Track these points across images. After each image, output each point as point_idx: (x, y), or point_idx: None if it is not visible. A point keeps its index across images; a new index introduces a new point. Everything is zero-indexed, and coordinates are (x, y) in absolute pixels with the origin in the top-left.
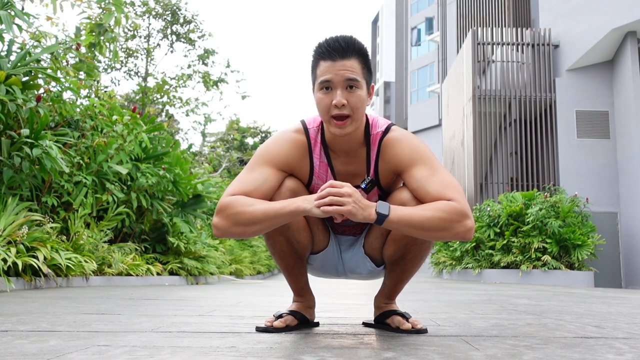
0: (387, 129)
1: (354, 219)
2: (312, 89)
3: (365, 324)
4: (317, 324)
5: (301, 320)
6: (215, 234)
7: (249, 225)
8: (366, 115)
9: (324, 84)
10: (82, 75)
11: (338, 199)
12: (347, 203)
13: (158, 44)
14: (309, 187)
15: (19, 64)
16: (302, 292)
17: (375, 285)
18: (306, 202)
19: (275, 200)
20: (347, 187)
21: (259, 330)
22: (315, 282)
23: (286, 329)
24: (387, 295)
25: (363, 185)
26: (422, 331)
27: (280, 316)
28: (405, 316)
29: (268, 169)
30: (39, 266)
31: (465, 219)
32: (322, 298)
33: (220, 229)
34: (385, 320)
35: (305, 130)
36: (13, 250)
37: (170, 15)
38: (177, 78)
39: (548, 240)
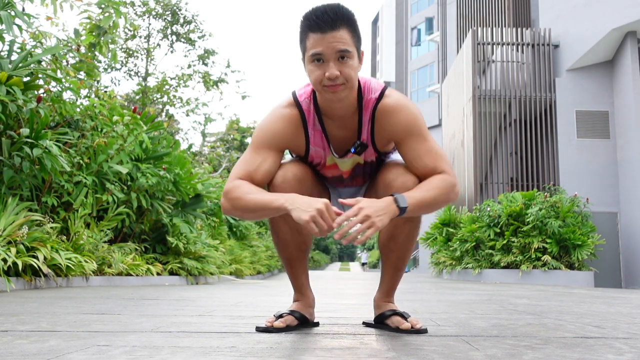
0: (381, 95)
1: (384, 225)
2: (302, 59)
3: (366, 324)
4: (317, 324)
5: (301, 320)
6: (222, 212)
7: (245, 212)
8: (358, 79)
9: (315, 57)
10: (82, 75)
11: (363, 227)
12: (373, 224)
13: (158, 44)
14: (307, 157)
15: (20, 65)
16: (303, 289)
17: (374, 285)
18: (287, 203)
19: (278, 185)
20: (361, 211)
21: (259, 330)
22: (316, 282)
23: (286, 329)
24: (385, 291)
25: (352, 150)
26: (422, 331)
27: (280, 316)
28: (404, 316)
29: (265, 150)
30: (39, 266)
31: (456, 188)
32: (322, 298)
33: (224, 210)
34: (385, 321)
35: (297, 103)
36: (13, 250)
37: (170, 15)
38: (177, 78)
39: (548, 240)
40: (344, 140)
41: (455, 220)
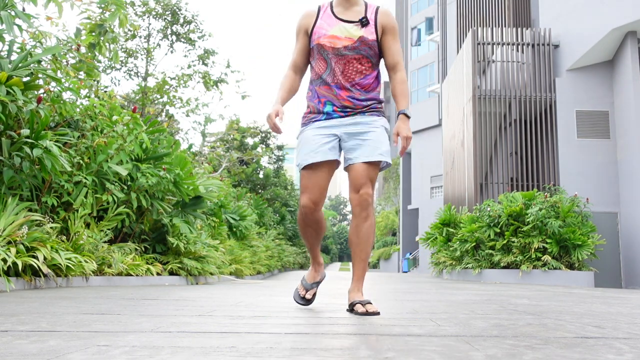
0: (378, 6)
1: (409, 133)
2: None
3: (347, 310)
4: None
5: (314, 294)
6: None
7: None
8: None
9: None
10: (82, 75)
11: (409, 140)
12: (408, 139)
13: (158, 44)
14: (312, 32)
15: (20, 65)
16: (317, 259)
17: (374, 285)
18: (271, 108)
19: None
20: (404, 135)
21: (298, 302)
22: None
23: (313, 298)
24: (356, 280)
25: (361, 19)
26: (374, 313)
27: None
28: (362, 303)
29: (297, 39)
30: (38, 266)
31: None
32: (322, 298)
33: None
34: (353, 309)
35: (318, 7)
36: (13, 250)
37: (170, 15)
38: (177, 78)
39: (548, 240)
40: (350, 20)
41: (456, 220)
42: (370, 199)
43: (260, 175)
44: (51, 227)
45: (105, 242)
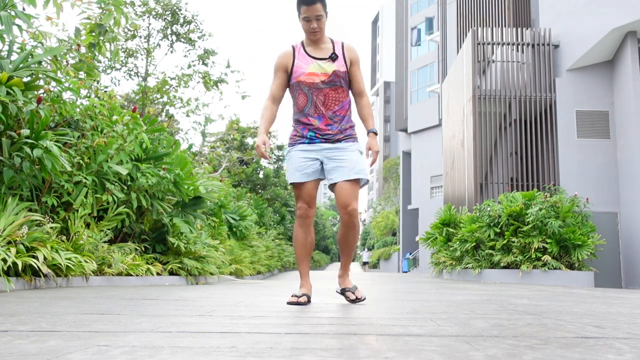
0: (342, 42)
1: (378, 147)
2: (298, 17)
3: (338, 292)
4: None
5: (308, 298)
6: None
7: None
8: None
9: (305, 18)
10: (82, 75)
11: (377, 153)
12: (376, 153)
13: (158, 44)
14: (292, 72)
15: (21, 66)
16: (305, 278)
17: (373, 286)
18: (258, 139)
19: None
20: (376, 150)
21: (289, 304)
22: (316, 282)
23: (304, 303)
24: (343, 268)
25: (331, 55)
26: (361, 299)
27: (297, 296)
28: (352, 290)
29: (278, 74)
30: (38, 266)
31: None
32: (323, 298)
33: None
34: (345, 294)
35: (292, 47)
36: (13, 250)
37: (170, 15)
38: (177, 78)
39: (548, 240)
40: (316, 57)
41: (456, 220)
42: (356, 212)
43: (260, 175)
44: (51, 227)
45: (105, 242)
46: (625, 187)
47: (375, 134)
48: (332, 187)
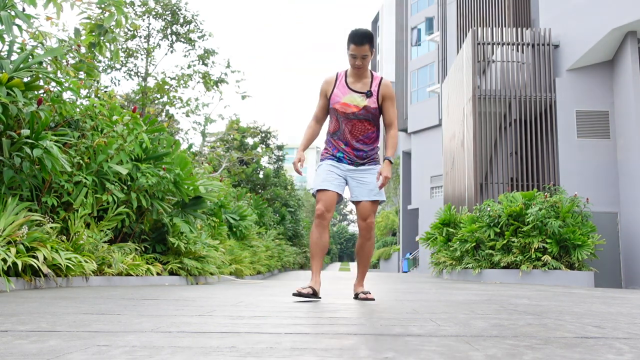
0: (382, 77)
1: (389, 174)
2: (347, 51)
3: (353, 298)
4: (320, 298)
5: (314, 292)
6: None
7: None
8: (370, 70)
9: (352, 55)
10: (82, 75)
11: (388, 179)
12: (386, 179)
13: (158, 44)
14: (332, 95)
15: (21, 66)
16: (315, 275)
17: (373, 286)
18: (295, 156)
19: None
20: (386, 176)
21: (294, 295)
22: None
23: (308, 295)
24: (359, 279)
25: (366, 92)
26: (371, 299)
27: (304, 288)
28: (364, 293)
29: (320, 99)
30: (38, 266)
31: (397, 132)
32: (323, 298)
33: None
34: (357, 297)
35: (336, 74)
36: (13, 250)
37: (170, 15)
38: (177, 78)
39: (548, 240)
40: (359, 89)
41: (456, 220)
42: (373, 225)
43: (260, 175)
44: (51, 227)
45: (105, 242)
46: (625, 187)
47: (391, 162)
48: (354, 202)
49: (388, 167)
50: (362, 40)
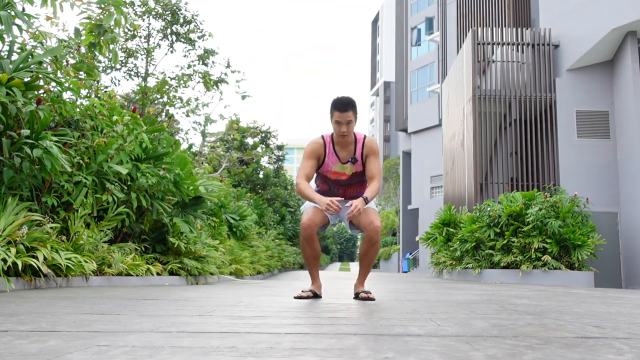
0: (365, 137)
1: (362, 207)
2: (330, 119)
3: (353, 298)
4: (320, 297)
5: (315, 295)
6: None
7: (301, 194)
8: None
9: (336, 121)
10: (82, 75)
11: (356, 210)
12: (357, 208)
13: (158, 44)
14: (324, 164)
15: (21, 66)
16: (315, 280)
17: (373, 287)
18: (315, 200)
19: (305, 219)
20: (357, 205)
21: (296, 298)
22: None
23: (309, 297)
24: (360, 280)
25: (351, 159)
26: (371, 299)
27: (305, 291)
28: (365, 292)
29: (310, 160)
30: (38, 266)
31: (380, 187)
32: (324, 298)
33: (297, 193)
34: (358, 296)
35: (323, 139)
36: (13, 250)
37: (170, 15)
38: (177, 78)
39: (548, 241)
40: (345, 158)
41: (456, 220)
42: (379, 230)
43: (260, 175)
44: (51, 227)
45: (105, 242)
46: (625, 187)
47: (366, 200)
48: (352, 225)
49: (362, 202)
50: (346, 107)
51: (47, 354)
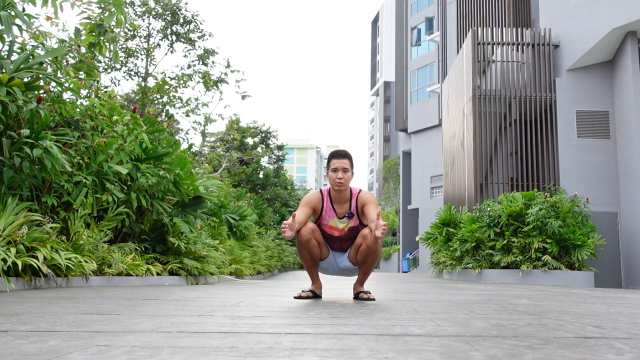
0: (360, 190)
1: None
2: (326, 170)
3: (353, 298)
4: (321, 297)
5: (315, 295)
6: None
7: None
8: (349, 187)
9: (333, 169)
10: (82, 75)
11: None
12: (384, 224)
13: (158, 44)
14: (320, 217)
15: (22, 66)
16: (315, 280)
17: (373, 287)
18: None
19: (306, 224)
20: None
21: (296, 298)
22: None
23: (310, 297)
24: (359, 282)
25: (347, 214)
26: (371, 299)
27: (305, 291)
28: (365, 292)
29: (305, 207)
30: (38, 266)
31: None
32: (323, 298)
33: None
34: (358, 296)
35: (321, 193)
36: (13, 250)
37: (170, 15)
38: (177, 78)
39: (548, 241)
40: (342, 213)
41: (456, 220)
42: (379, 240)
43: (260, 175)
44: (51, 227)
45: (105, 242)
46: (625, 187)
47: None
48: (353, 254)
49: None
50: (343, 155)
51: (47, 354)
